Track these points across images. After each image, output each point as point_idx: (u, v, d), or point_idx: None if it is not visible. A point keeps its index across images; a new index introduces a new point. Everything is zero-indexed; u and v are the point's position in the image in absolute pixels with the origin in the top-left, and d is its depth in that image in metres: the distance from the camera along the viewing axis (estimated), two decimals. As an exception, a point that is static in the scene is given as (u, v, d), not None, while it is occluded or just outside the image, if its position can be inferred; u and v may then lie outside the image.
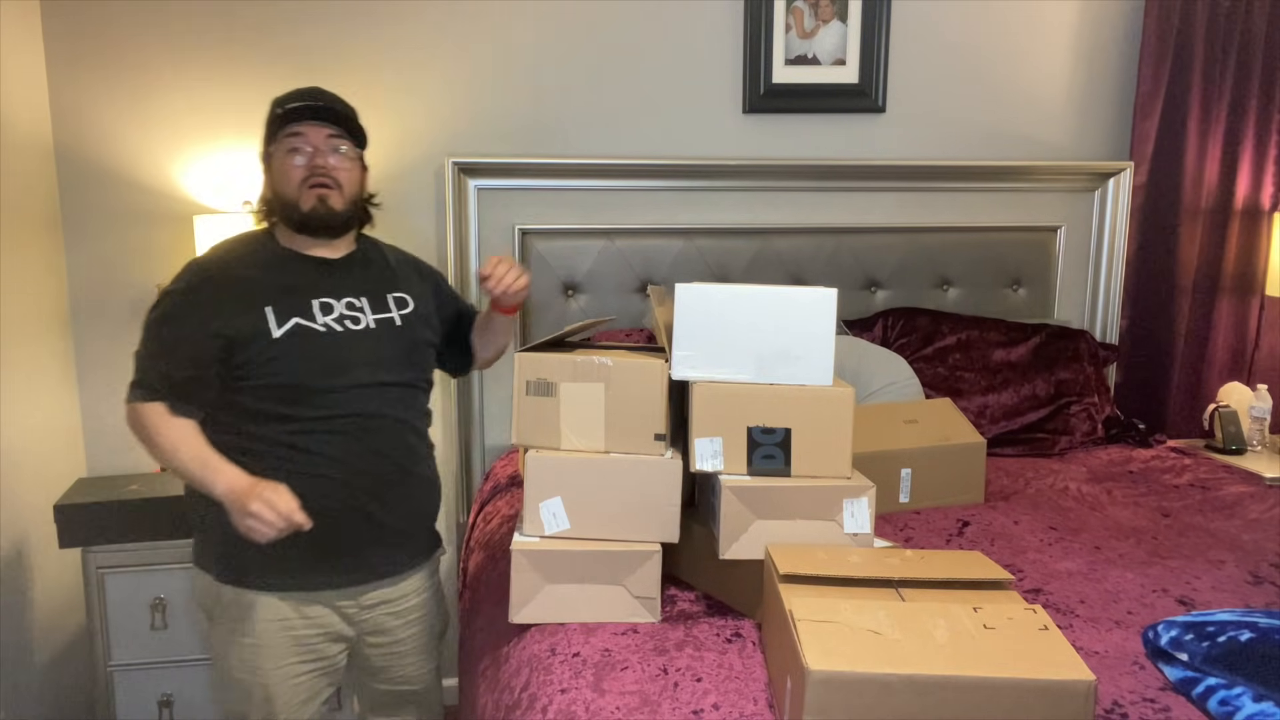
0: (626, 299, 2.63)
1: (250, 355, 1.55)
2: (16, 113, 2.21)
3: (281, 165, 1.62)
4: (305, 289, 1.63)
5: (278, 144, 1.64)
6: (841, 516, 1.51)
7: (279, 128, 1.64)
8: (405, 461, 1.67)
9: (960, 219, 2.78)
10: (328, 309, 1.63)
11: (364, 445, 1.61)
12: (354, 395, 1.60)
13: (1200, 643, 1.31)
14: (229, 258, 1.64)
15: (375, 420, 1.62)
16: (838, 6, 2.64)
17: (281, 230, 1.68)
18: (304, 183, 1.61)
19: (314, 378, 1.57)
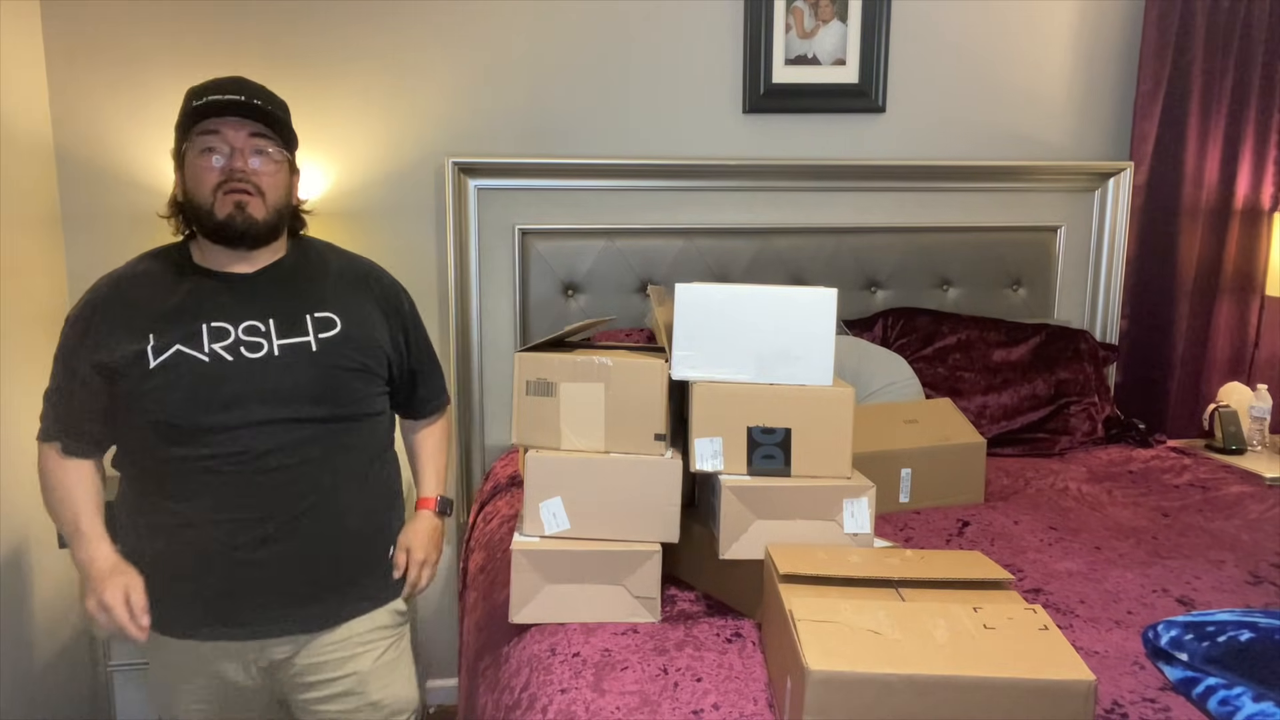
0: (626, 299, 2.63)
1: (128, 387, 1.42)
2: (16, 113, 2.21)
3: (194, 166, 1.45)
4: (199, 311, 1.46)
5: (190, 142, 1.44)
6: (841, 516, 1.51)
7: (192, 123, 1.44)
8: (318, 506, 1.49)
9: (960, 219, 2.78)
10: (220, 334, 1.45)
11: (253, 488, 1.44)
12: (244, 434, 1.43)
13: (1200, 643, 1.31)
14: (128, 277, 1.50)
15: (270, 459, 1.45)
16: (838, 6, 2.64)
17: (198, 241, 1.52)
18: (219, 188, 1.44)
19: (191, 413, 1.41)
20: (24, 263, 2.21)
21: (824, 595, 1.27)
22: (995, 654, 1.12)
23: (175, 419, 1.41)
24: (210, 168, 1.44)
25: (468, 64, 2.54)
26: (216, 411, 1.42)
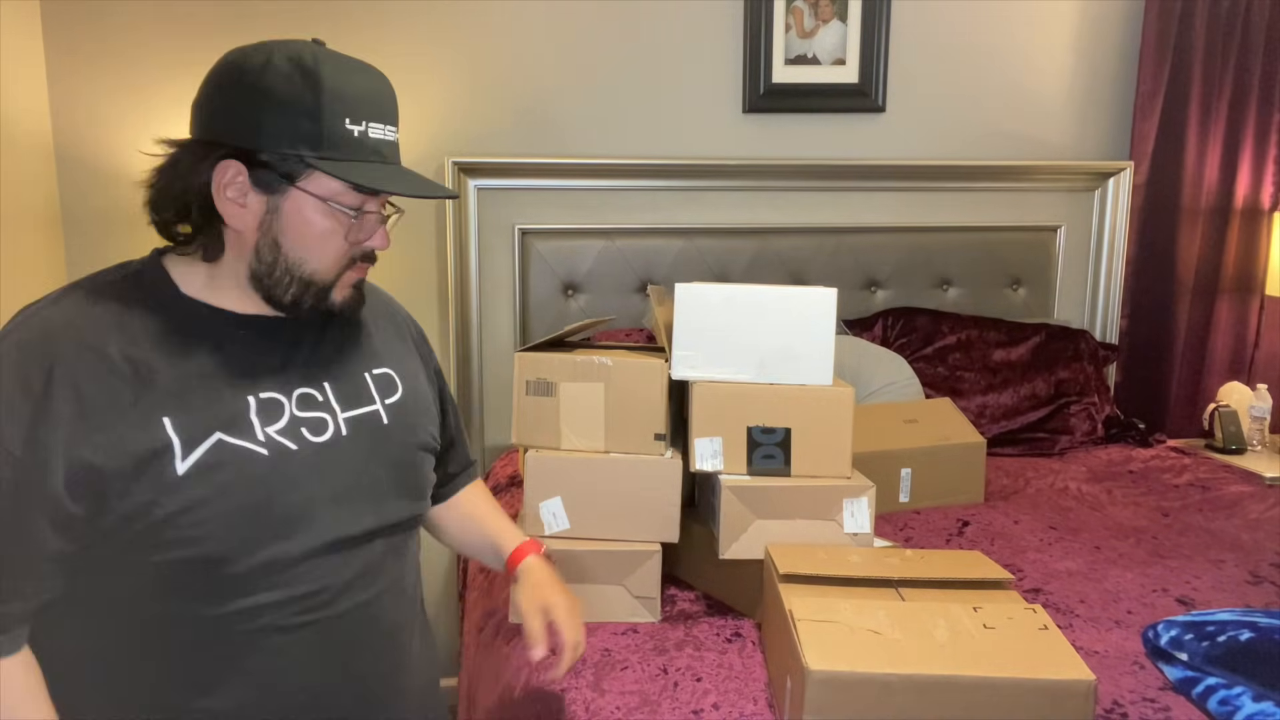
0: (626, 299, 2.63)
1: (136, 506, 0.89)
2: (16, 113, 2.20)
3: (315, 222, 0.97)
4: (237, 376, 0.97)
5: (311, 179, 0.95)
6: (841, 516, 1.51)
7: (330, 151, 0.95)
8: (400, 653, 1.10)
9: (960, 219, 2.78)
10: (273, 411, 0.98)
11: (335, 649, 1.01)
12: (322, 563, 0.98)
13: (1200, 642, 1.31)
14: (91, 321, 0.93)
15: (350, 596, 1.01)
16: (838, 6, 2.64)
17: (188, 268, 0.99)
18: (346, 265, 1.01)
19: (250, 541, 0.93)
20: (24, 263, 2.21)
21: (824, 595, 1.27)
22: (995, 654, 1.12)
23: (224, 552, 0.92)
24: (340, 235, 0.99)
25: (468, 64, 2.54)
26: (286, 533, 0.95)
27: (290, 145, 0.94)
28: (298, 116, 0.94)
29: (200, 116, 0.98)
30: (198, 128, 0.98)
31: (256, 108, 0.94)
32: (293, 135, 0.94)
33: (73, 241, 2.40)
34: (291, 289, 0.99)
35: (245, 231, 0.97)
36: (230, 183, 0.95)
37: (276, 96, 0.93)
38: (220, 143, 0.95)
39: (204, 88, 0.98)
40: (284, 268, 0.98)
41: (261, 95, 0.93)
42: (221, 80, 0.96)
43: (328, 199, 0.97)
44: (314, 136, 0.94)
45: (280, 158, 0.94)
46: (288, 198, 0.96)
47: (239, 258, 0.99)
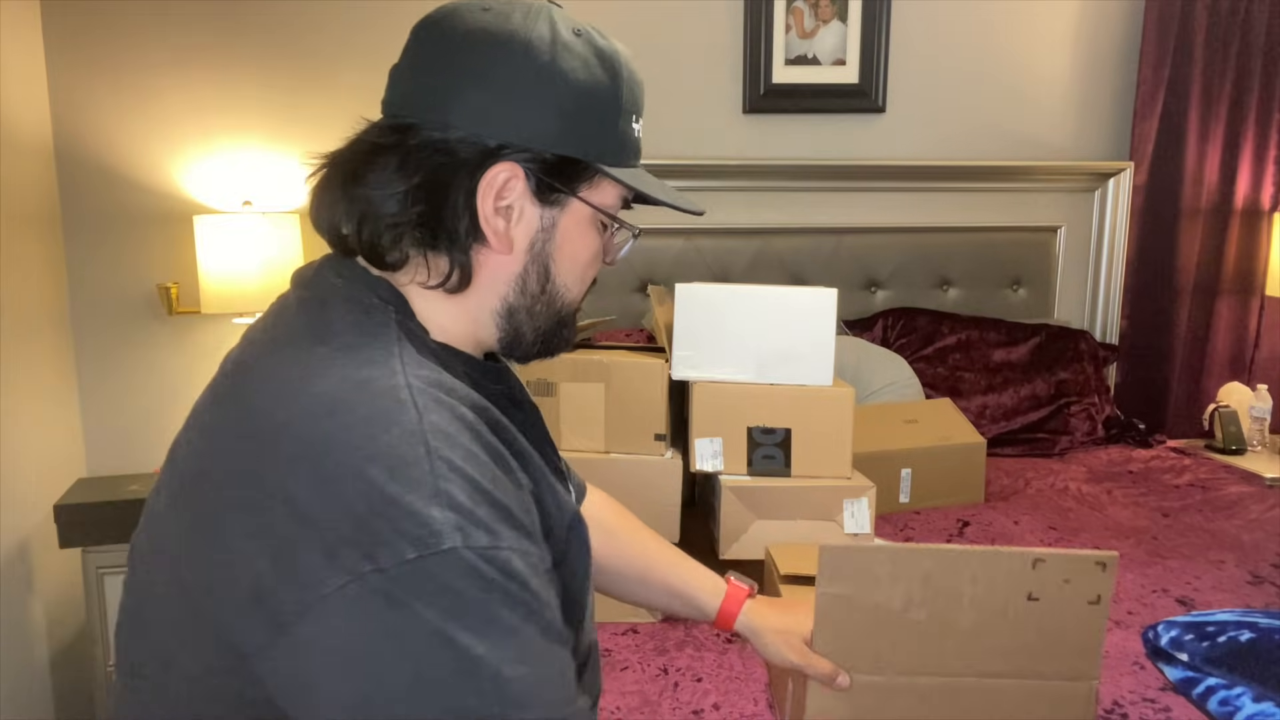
0: (626, 299, 2.63)
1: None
2: (16, 113, 2.20)
3: (588, 239, 0.80)
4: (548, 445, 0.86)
5: (596, 188, 0.78)
6: (841, 516, 1.51)
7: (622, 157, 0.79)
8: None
9: (960, 219, 2.78)
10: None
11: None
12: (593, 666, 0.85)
13: (1200, 643, 1.31)
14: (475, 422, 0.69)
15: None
16: (838, 6, 2.64)
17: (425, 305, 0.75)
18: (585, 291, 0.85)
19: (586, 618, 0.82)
20: (24, 263, 2.21)
21: None
22: (1013, 647, 1.04)
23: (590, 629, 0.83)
24: (600, 257, 0.84)
25: (468, 64, 2.53)
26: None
27: (580, 145, 0.74)
28: (592, 107, 0.74)
29: (440, 101, 0.72)
30: (437, 114, 0.72)
31: (544, 92, 0.72)
32: (585, 136, 0.75)
33: (73, 241, 2.40)
34: (542, 325, 0.79)
35: (510, 254, 0.75)
36: (503, 190, 0.73)
37: (571, 79, 0.73)
38: (490, 140, 0.72)
39: (440, 60, 0.73)
40: (546, 299, 0.78)
41: (552, 76, 0.72)
42: (482, 52, 0.72)
43: (608, 211, 0.79)
44: (604, 134, 0.76)
45: (566, 162, 0.74)
46: (567, 211, 0.76)
47: (490, 288, 0.76)
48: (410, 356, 0.69)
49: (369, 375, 0.65)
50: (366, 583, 0.58)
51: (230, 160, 2.44)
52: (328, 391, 0.64)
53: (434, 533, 0.59)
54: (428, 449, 0.61)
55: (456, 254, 0.73)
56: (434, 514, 0.59)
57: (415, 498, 0.59)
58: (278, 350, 0.70)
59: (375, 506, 0.59)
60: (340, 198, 0.73)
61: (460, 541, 0.59)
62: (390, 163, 0.71)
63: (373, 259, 0.73)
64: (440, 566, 0.59)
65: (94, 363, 2.45)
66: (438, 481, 0.61)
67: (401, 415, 0.63)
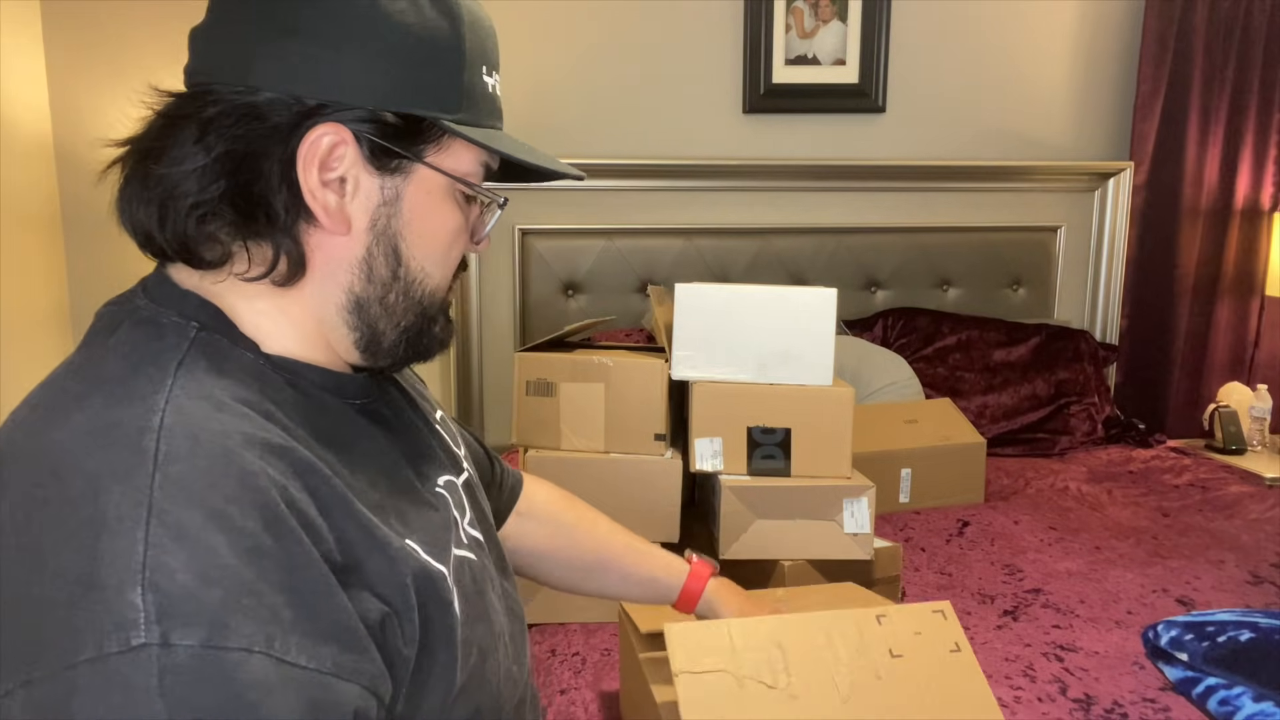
0: (626, 299, 2.63)
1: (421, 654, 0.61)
2: (16, 113, 2.20)
3: (443, 213, 0.67)
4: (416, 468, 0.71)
5: (445, 152, 0.65)
6: (841, 516, 1.51)
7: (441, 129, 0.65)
8: None
9: (960, 219, 2.78)
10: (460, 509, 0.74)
11: None
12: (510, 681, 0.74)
13: (1200, 643, 1.31)
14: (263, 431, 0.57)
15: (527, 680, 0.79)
16: (838, 6, 2.64)
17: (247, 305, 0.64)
18: (453, 276, 0.71)
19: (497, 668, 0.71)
20: (24, 263, 2.21)
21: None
22: (901, 702, 0.98)
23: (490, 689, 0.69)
24: (465, 234, 0.70)
25: (468, 64, 2.53)
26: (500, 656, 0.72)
27: (420, 99, 0.62)
28: (430, 61, 0.62)
29: (255, 58, 0.60)
30: (245, 73, 0.60)
31: (371, 40, 0.60)
32: (423, 88, 0.62)
33: (73, 241, 2.40)
34: (403, 320, 0.66)
35: (349, 235, 0.63)
36: (331, 158, 0.61)
37: (404, 28, 0.61)
38: (308, 98, 0.60)
39: (256, 14, 0.60)
40: (401, 288, 0.65)
41: (381, 26, 0.60)
42: (298, 2, 0.60)
43: (464, 179, 0.66)
44: (450, 90, 0.63)
45: (406, 121, 0.62)
46: (412, 179, 0.64)
47: (330, 277, 0.64)
48: (192, 383, 0.56)
49: (118, 417, 0.53)
50: (14, 700, 0.45)
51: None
52: (60, 442, 0.52)
53: (122, 624, 0.45)
54: (150, 512, 0.48)
55: (280, 237, 0.61)
56: (130, 600, 0.46)
57: (113, 576, 0.46)
58: (44, 387, 0.59)
59: (62, 593, 0.47)
60: (139, 185, 0.62)
61: (157, 638, 0.45)
62: (188, 135, 0.59)
63: (186, 256, 0.61)
64: (122, 670, 0.45)
65: (94, 363, 2.45)
66: (149, 554, 0.47)
67: (134, 469, 0.50)
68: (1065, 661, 1.40)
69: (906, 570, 1.74)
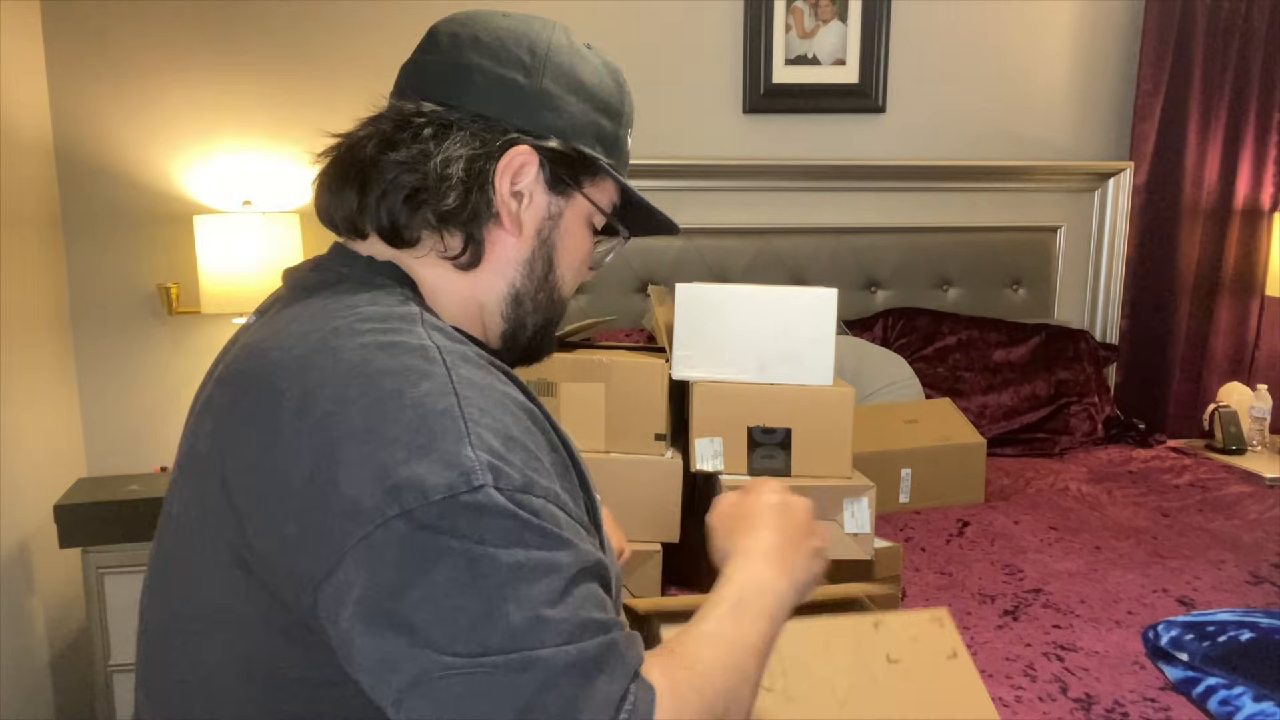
0: (626, 299, 2.63)
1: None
2: (16, 113, 2.20)
3: (584, 236, 0.83)
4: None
5: (598, 187, 0.82)
6: (842, 516, 1.51)
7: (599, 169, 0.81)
8: None
9: (960, 219, 2.78)
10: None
11: None
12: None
13: (1200, 643, 1.31)
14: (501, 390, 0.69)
15: None
16: (838, 6, 2.64)
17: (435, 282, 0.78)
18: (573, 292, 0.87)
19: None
20: (24, 263, 2.21)
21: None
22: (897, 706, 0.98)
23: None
24: (588, 261, 0.86)
25: (468, 64, 2.54)
26: None
27: (590, 142, 0.79)
28: (602, 111, 0.80)
29: (468, 88, 0.76)
30: (464, 100, 0.75)
31: (566, 89, 0.78)
32: (593, 131, 0.79)
33: (73, 241, 2.40)
34: (541, 319, 0.81)
35: (520, 238, 0.78)
36: (519, 173, 0.76)
37: (587, 83, 0.79)
38: (513, 126, 0.75)
39: (470, 54, 0.77)
40: (547, 290, 0.81)
41: (573, 76, 0.79)
42: (511, 49, 0.77)
43: (603, 212, 0.82)
44: (611, 139, 0.81)
45: (577, 156, 0.78)
46: (572, 204, 0.80)
47: (499, 270, 0.78)
48: (431, 325, 0.70)
49: (395, 339, 0.66)
50: (391, 528, 0.58)
51: (230, 160, 2.44)
52: (357, 354, 0.64)
53: (464, 472, 0.59)
54: (458, 398, 0.62)
55: (471, 229, 0.75)
56: (465, 454, 0.60)
57: (447, 442, 0.60)
58: (295, 326, 0.69)
59: (406, 454, 0.59)
60: (356, 175, 0.74)
61: (491, 481, 0.60)
62: (416, 140, 0.73)
63: (389, 235, 0.75)
64: (471, 503, 0.59)
65: (94, 363, 2.45)
66: (469, 426, 0.61)
67: (433, 369, 0.64)
68: (1066, 661, 1.40)
69: (906, 570, 1.74)
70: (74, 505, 2.13)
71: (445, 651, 0.57)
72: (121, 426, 2.49)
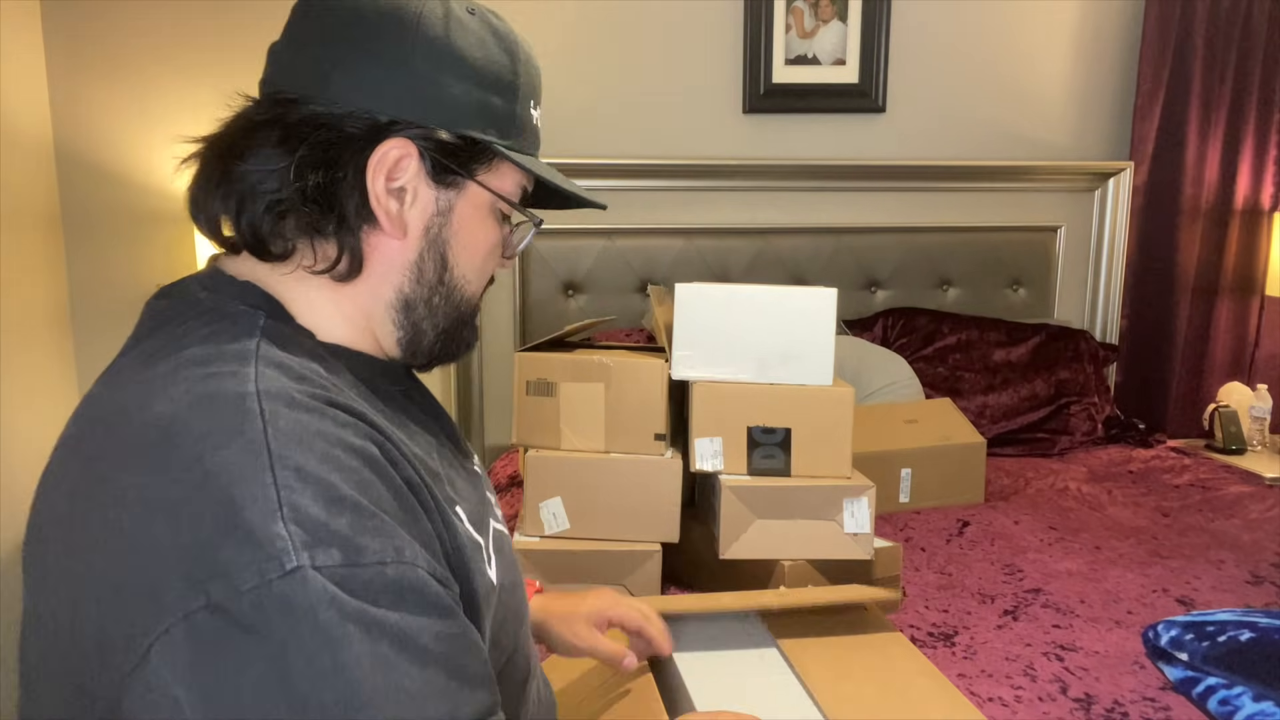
0: (626, 299, 2.63)
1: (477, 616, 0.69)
2: (16, 113, 2.20)
3: (486, 227, 0.75)
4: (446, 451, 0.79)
5: (494, 173, 0.74)
6: (841, 516, 1.51)
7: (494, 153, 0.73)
8: None
9: (960, 219, 2.78)
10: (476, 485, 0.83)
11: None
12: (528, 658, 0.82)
13: (1200, 642, 1.31)
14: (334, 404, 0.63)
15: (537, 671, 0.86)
16: (838, 6, 2.64)
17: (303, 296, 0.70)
18: (484, 286, 0.80)
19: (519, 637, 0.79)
20: (24, 263, 2.21)
21: None
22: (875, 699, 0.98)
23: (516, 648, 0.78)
24: (499, 249, 0.79)
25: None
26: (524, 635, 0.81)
27: (479, 124, 0.70)
28: (491, 87, 0.72)
29: (327, 76, 0.67)
30: (325, 90, 0.67)
31: (441, 68, 0.68)
32: (482, 110, 0.71)
33: (73, 241, 2.40)
34: (442, 322, 0.74)
35: (404, 239, 0.70)
36: (396, 169, 0.68)
37: (469, 56, 0.70)
38: (381, 115, 0.67)
39: (336, 35, 0.68)
40: (445, 291, 0.73)
41: (449, 51, 0.69)
42: (374, 25, 0.67)
43: (506, 199, 0.75)
44: (505, 118, 0.73)
45: (464, 142, 0.70)
46: (464, 195, 0.72)
47: (383, 277, 0.71)
48: (270, 361, 0.61)
49: (215, 388, 0.58)
50: (194, 622, 0.51)
51: (230, 160, 2.45)
52: (166, 413, 0.57)
53: (274, 554, 0.52)
54: (271, 457, 0.55)
55: (345, 236, 0.67)
56: (276, 531, 0.52)
57: (254, 515, 0.53)
58: (119, 374, 0.63)
59: (209, 534, 0.52)
60: (218, 180, 0.67)
61: (308, 561, 0.52)
62: (271, 138, 0.66)
63: (255, 248, 0.67)
64: (285, 591, 0.51)
65: (94, 363, 2.45)
66: (281, 494, 0.54)
67: (245, 425, 0.56)
68: (1066, 661, 1.40)
69: (906, 570, 1.74)
70: (74, 505, 2.13)
71: None
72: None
